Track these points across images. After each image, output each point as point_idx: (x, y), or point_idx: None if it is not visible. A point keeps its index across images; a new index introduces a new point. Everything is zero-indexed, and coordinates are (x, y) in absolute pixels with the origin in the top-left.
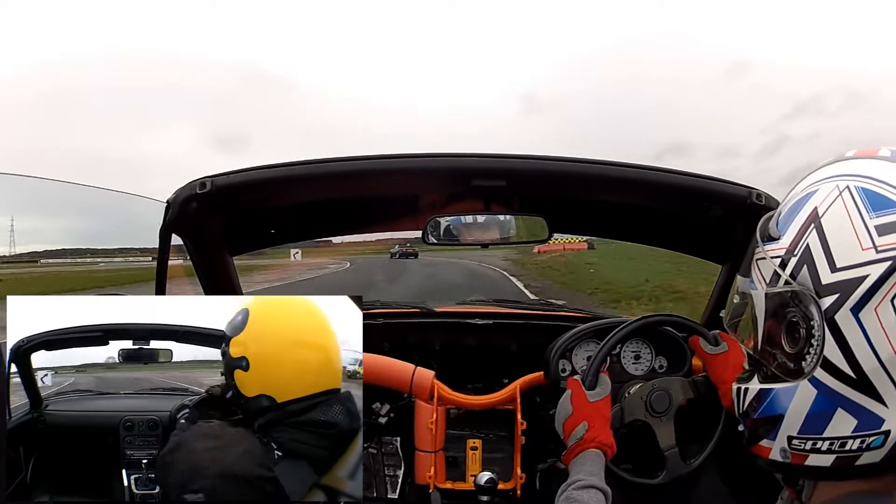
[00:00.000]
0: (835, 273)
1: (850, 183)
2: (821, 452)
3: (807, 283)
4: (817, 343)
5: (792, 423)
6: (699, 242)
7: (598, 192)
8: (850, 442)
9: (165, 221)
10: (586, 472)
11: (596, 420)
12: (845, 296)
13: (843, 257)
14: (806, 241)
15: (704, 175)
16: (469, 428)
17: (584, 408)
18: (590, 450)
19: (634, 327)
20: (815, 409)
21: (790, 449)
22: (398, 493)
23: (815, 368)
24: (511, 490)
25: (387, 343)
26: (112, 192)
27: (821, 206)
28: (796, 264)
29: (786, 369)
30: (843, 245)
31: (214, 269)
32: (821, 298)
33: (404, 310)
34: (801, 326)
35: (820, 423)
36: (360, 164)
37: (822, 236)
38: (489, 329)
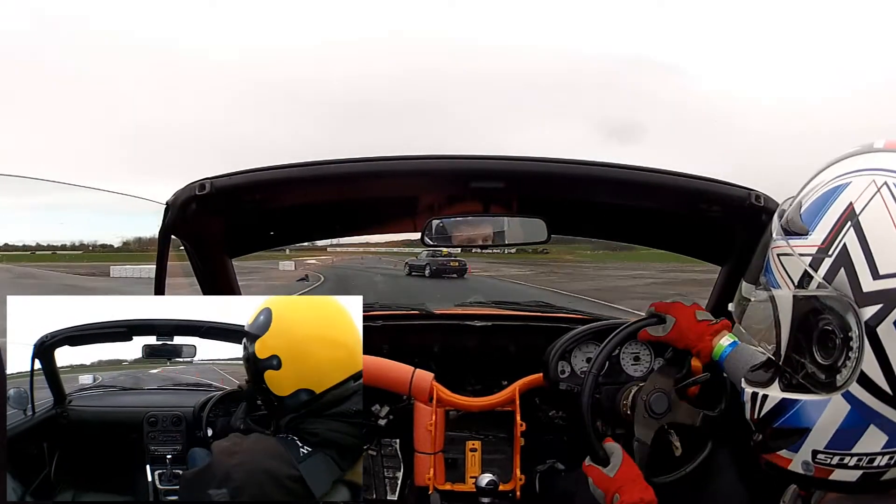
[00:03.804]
0: (877, 280)
1: (889, 179)
2: (847, 468)
3: (845, 290)
4: (855, 356)
5: (819, 437)
6: (698, 244)
7: (596, 194)
8: (880, 458)
9: (165, 223)
10: None
11: (625, 485)
12: (889, 307)
13: (887, 263)
14: (843, 241)
15: (703, 176)
16: (468, 430)
17: (609, 484)
18: None
19: (633, 329)
20: (846, 424)
21: (814, 463)
22: (397, 494)
23: (851, 383)
24: (511, 491)
25: (386, 345)
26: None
27: (857, 202)
28: (831, 266)
29: (816, 381)
30: (887, 249)
31: (213, 271)
32: (861, 308)
33: (403, 312)
34: (837, 336)
35: (850, 439)
36: (359, 166)
37: (862, 237)
38: (488, 331)
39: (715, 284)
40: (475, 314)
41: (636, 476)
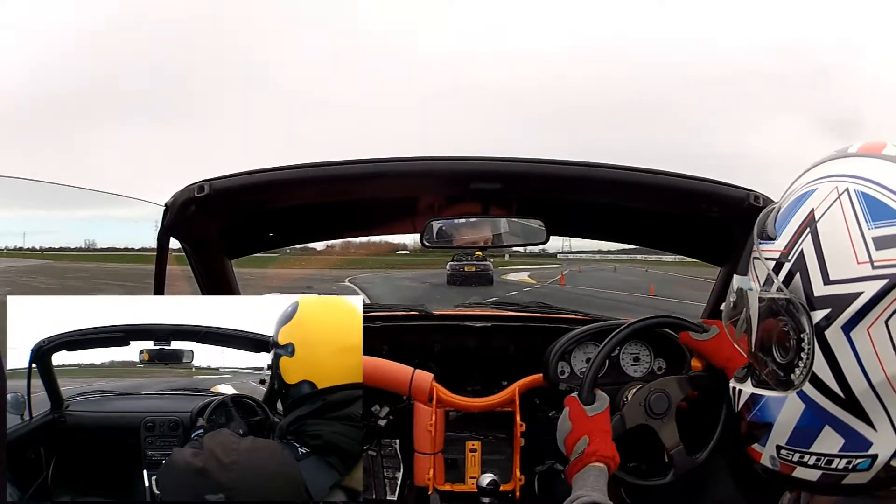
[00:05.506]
0: (827, 286)
1: (850, 185)
2: (807, 466)
3: (799, 293)
4: (807, 357)
5: (781, 432)
6: (697, 244)
7: (596, 195)
8: (837, 461)
9: (164, 225)
10: (589, 487)
11: (596, 434)
12: (837, 312)
13: (837, 269)
14: (801, 247)
15: (702, 177)
16: (468, 430)
17: (583, 423)
18: (592, 464)
19: (632, 329)
20: (802, 423)
21: (779, 458)
22: (397, 495)
23: (804, 383)
24: (510, 492)
25: (386, 346)
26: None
27: (818, 208)
28: (790, 270)
29: (776, 378)
30: (837, 256)
31: (213, 273)
32: (812, 311)
33: (403, 312)
34: (792, 337)
35: (807, 438)
36: (358, 168)
37: (818, 243)
38: (488, 331)
39: (714, 285)
40: (475, 315)
41: (608, 430)
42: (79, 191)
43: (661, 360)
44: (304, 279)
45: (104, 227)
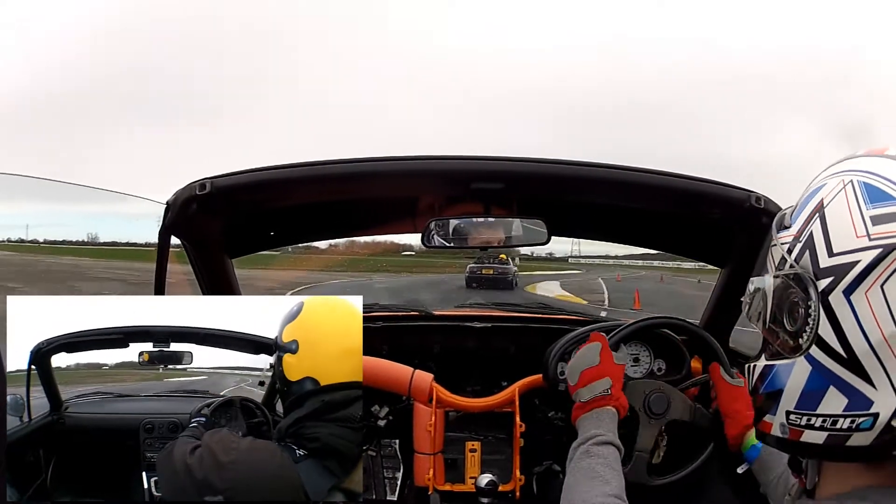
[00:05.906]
0: (831, 258)
1: (854, 178)
2: (814, 429)
3: (807, 267)
4: (813, 321)
5: (790, 397)
6: (698, 245)
7: (597, 195)
8: (841, 421)
9: (165, 223)
10: (605, 428)
11: (618, 381)
12: (839, 278)
13: (839, 243)
14: (810, 229)
15: (703, 178)
16: (468, 430)
17: (610, 365)
18: (608, 407)
19: (632, 330)
20: (809, 385)
21: (788, 424)
22: (397, 495)
23: (811, 346)
24: (510, 492)
25: (386, 346)
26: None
27: (826, 197)
28: (800, 249)
29: (786, 346)
30: (840, 233)
31: (214, 272)
32: (818, 280)
33: (403, 313)
34: (801, 306)
35: (814, 400)
36: (359, 167)
37: (824, 224)
38: (488, 332)
39: (715, 285)
40: (474, 315)
41: (622, 384)
42: (80, 188)
43: (661, 360)
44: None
45: (106, 224)
